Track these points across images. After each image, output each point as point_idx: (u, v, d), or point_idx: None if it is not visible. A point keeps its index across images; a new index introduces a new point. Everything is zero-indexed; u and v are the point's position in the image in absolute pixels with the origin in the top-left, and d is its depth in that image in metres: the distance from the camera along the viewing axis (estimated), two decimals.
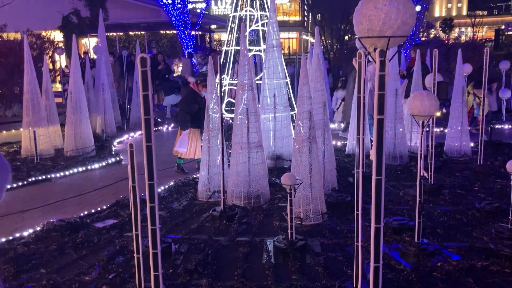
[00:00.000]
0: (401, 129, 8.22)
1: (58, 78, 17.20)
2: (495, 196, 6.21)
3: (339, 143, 9.51)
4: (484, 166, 7.37)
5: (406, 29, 2.18)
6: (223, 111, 9.20)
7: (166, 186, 7.06)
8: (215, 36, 38.48)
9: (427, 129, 7.70)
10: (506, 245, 4.51)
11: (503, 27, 42.35)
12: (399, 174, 7.48)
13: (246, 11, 9.53)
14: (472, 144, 8.59)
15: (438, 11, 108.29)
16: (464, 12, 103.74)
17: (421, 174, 4.48)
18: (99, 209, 6.17)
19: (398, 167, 7.80)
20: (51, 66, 18.26)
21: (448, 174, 7.38)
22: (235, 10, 9.74)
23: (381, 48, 2.24)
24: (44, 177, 7.71)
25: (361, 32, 2.23)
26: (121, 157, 8.94)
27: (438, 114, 11.61)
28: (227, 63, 10.03)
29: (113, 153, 9.35)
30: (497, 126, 10.90)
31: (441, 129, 10.29)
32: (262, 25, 9.43)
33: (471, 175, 7.29)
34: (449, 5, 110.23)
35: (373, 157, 2.45)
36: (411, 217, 5.29)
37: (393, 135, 8.12)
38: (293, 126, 7.32)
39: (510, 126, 11.09)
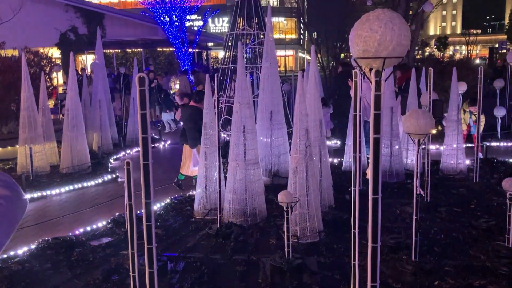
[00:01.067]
0: (397, 147, 8.25)
1: (55, 95, 17.24)
2: (492, 214, 6.21)
3: (335, 160, 9.52)
4: (480, 184, 7.39)
5: (401, 50, 2.22)
6: (220, 128, 9.22)
7: (163, 204, 7.03)
8: (212, 53, 38.74)
9: (423, 146, 7.74)
10: (503, 264, 4.50)
11: (497, 45, 42.87)
12: (395, 192, 7.48)
13: (243, 29, 9.62)
14: (468, 162, 8.62)
15: (433, 29, 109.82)
16: (459, 31, 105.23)
17: (418, 192, 4.49)
18: (94, 227, 6.13)
19: (395, 185, 7.81)
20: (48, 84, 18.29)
21: (445, 192, 7.39)
22: (232, 29, 9.84)
23: (376, 68, 2.27)
24: (39, 194, 7.67)
25: (357, 53, 2.26)
26: (117, 174, 8.92)
27: (434, 131, 11.70)
28: (224, 81, 10.09)
29: (109, 170, 9.32)
30: (492, 144, 10.95)
31: (437, 146, 10.33)
32: (259, 43, 9.52)
33: (468, 193, 7.30)
34: (444, 24, 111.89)
35: (369, 175, 2.46)
36: (408, 235, 5.28)
37: (389, 153, 8.15)
38: (290, 143, 7.34)
39: (505, 144, 11.14)
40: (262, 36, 9.63)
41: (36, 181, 8.47)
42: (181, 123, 9.05)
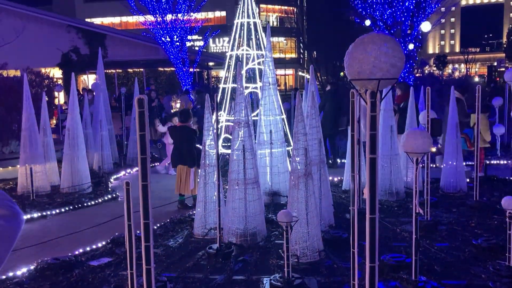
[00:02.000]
0: (396, 165, 8.26)
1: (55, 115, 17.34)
2: (492, 233, 6.19)
3: (336, 179, 9.53)
4: (480, 202, 7.38)
5: (396, 72, 2.26)
6: (220, 147, 9.27)
7: (162, 223, 7.02)
8: (213, 72, 39.04)
9: (422, 165, 7.76)
10: (504, 283, 4.48)
11: (495, 63, 43.17)
12: (396, 210, 7.48)
13: (243, 50, 9.73)
14: (468, 180, 8.62)
15: (432, 48, 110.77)
16: (457, 49, 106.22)
17: (417, 211, 4.49)
18: (94, 247, 6.12)
19: (395, 203, 7.80)
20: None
21: (445, 210, 7.38)
22: (232, 49, 9.95)
23: (371, 89, 2.31)
24: (39, 214, 7.67)
25: (352, 74, 2.31)
26: (117, 193, 8.92)
27: (434, 150, 11.74)
28: (224, 100, 10.15)
29: (109, 189, 9.34)
30: (492, 162, 10.96)
31: (437, 164, 10.34)
32: (259, 63, 9.62)
33: (468, 211, 7.28)
34: (442, 42, 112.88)
35: (366, 195, 2.48)
36: (408, 254, 5.25)
37: (389, 171, 8.16)
38: (290, 162, 7.36)
39: (505, 162, 11.15)
40: (262, 57, 9.74)
41: (37, 201, 8.47)
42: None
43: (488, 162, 10.23)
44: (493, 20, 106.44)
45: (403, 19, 15.27)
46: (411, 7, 15.26)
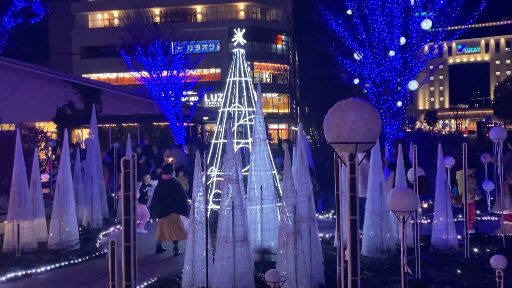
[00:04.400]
0: (387, 222, 8.24)
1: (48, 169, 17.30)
2: None
3: (327, 235, 9.45)
4: (472, 260, 7.32)
5: (373, 136, 2.34)
6: (211, 203, 9.25)
7: (150, 281, 6.87)
8: (207, 127, 39.47)
9: (412, 221, 7.75)
10: None
11: (483, 119, 44.08)
12: (387, 268, 7.37)
13: (234, 107, 9.94)
14: (459, 237, 8.58)
15: (422, 104, 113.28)
16: (447, 105, 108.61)
17: (405, 270, 4.46)
18: None
19: (386, 261, 7.71)
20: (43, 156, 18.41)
21: (436, 268, 7.29)
22: (224, 106, 10.17)
23: (350, 152, 2.38)
24: (24, 272, 7.49)
25: (331, 138, 2.39)
26: (105, 250, 8.77)
27: (425, 206, 11.71)
28: (216, 155, 10.24)
29: (97, 246, 9.18)
30: (483, 218, 10.96)
31: (428, 221, 10.31)
32: (250, 119, 9.80)
33: (459, 269, 7.20)
34: (432, 99, 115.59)
35: (348, 257, 2.49)
36: None
37: (379, 228, 8.12)
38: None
39: (496, 218, 11.14)
40: (253, 113, 9.94)
41: (22, 258, 8.30)
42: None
43: (479, 218, 10.22)
44: (481, 77, 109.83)
45: (390, 78, 15.75)
46: (398, 66, 15.78)
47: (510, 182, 9.47)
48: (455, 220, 8.80)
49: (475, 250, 8.05)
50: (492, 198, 11.67)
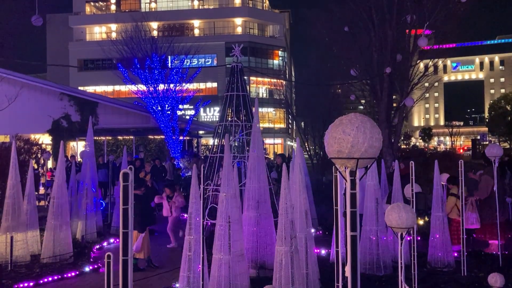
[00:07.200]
0: (384, 238, 8.20)
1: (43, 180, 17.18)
2: None
3: (323, 251, 9.39)
4: (468, 277, 7.28)
5: (373, 152, 2.34)
6: (206, 217, 9.19)
7: None
8: (203, 141, 39.43)
9: (409, 238, 7.72)
10: None
11: (478, 137, 44.33)
12: (383, 285, 7.33)
13: (231, 121, 9.94)
14: (455, 254, 8.55)
15: (417, 121, 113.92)
16: (442, 122, 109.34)
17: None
18: None
19: (382, 278, 7.66)
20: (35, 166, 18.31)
21: (433, 286, 7.24)
22: (221, 120, 10.17)
23: (351, 168, 2.37)
24: (15, 287, 7.37)
25: (332, 153, 2.38)
26: (99, 264, 8.66)
27: (421, 222, 11.69)
28: (212, 169, 10.20)
29: (91, 260, 9.07)
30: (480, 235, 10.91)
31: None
32: (247, 134, 9.79)
33: (457, 287, 7.16)
34: (427, 116, 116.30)
35: (348, 273, 2.47)
36: None
37: (376, 244, 8.08)
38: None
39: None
40: (249, 128, 9.94)
41: (14, 271, 8.18)
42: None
43: (475, 235, 10.20)
44: (475, 95, 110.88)
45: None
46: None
47: (476, 198, 9.76)
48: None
49: (472, 268, 8.01)
50: None
